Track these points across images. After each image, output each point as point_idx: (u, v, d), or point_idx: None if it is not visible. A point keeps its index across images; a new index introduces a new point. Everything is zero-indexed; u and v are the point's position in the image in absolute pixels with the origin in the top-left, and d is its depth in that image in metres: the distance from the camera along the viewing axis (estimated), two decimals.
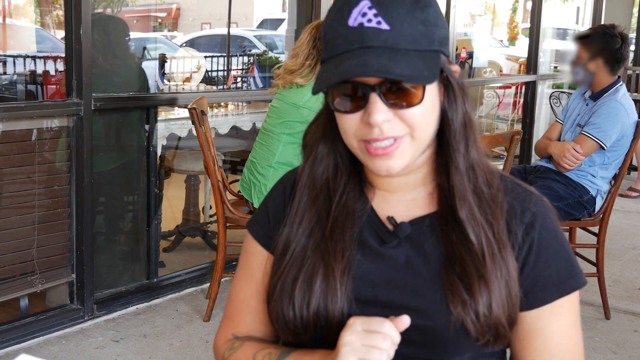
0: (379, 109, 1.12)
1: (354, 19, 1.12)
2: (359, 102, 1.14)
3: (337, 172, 1.26)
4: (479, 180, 1.22)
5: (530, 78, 7.09)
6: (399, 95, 1.13)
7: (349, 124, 1.16)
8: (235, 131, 5.27)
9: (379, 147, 1.15)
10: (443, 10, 4.55)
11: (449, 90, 1.20)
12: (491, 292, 1.16)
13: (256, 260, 1.35)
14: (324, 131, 1.27)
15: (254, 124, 5.02)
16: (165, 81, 5.71)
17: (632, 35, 9.04)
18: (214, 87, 7.77)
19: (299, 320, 1.21)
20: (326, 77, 1.14)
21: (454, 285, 1.17)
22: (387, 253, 1.24)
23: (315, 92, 1.15)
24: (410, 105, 1.13)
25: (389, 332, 1.10)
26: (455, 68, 1.22)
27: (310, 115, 3.49)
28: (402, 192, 1.27)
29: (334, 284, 1.20)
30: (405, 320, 1.11)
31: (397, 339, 1.11)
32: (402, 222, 1.24)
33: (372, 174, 1.26)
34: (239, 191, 3.82)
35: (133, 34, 4.40)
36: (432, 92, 1.16)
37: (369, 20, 1.11)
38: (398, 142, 1.15)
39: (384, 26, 1.11)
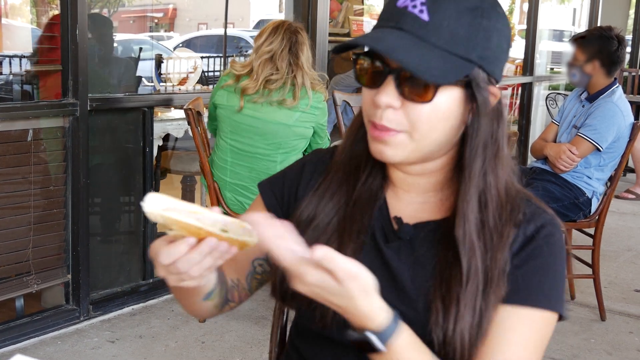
0: (388, 92, 1.14)
1: (403, 1, 1.15)
2: (378, 81, 1.16)
3: (369, 155, 1.25)
4: (488, 207, 1.20)
5: (526, 79, 7.10)
6: (413, 88, 1.13)
7: (365, 98, 1.19)
8: None
9: (376, 130, 1.17)
10: None
11: (476, 108, 1.17)
12: (460, 319, 1.14)
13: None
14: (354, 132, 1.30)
15: None
16: (161, 82, 5.70)
17: (628, 37, 9.05)
18: (211, 88, 7.76)
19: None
20: (356, 38, 1.18)
21: (436, 302, 1.17)
22: (388, 254, 1.24)
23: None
24: (418, 100, 1.13)
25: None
26: (495, 91, 1.19)
27: (305, 131, 3.43)
28: (415, 193, 1.27)
29: None
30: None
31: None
32: (406, 223, 1.25)
33: (391, 168, 1.27)
34: (225, 205, 3.57)
35: (125, 36, 4.39)
36: (452, 101, 1.15)
37: (414, 7, 1.13)
38: (393, 132, 1.16)
39: (424, 17, 1.12)
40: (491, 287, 1.17)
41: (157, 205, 1.05)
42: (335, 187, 1.28)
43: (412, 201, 1.28)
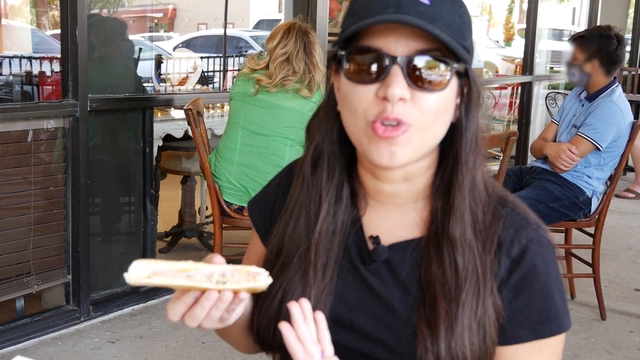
0: (399, 82, 1.05)
1: None
2: (378, 74, 1.06)
3: (329, 177, 1.20)
4: (478, 204, 1.15)
5: (526, 79, 7.10)
6: (421, 76, 1.06)
7: (360, 98, 1.08)
8: None
9: (388, 126, 1.06)
10: None
11: (468, 97, 1.13)
12: (456, 337, 1.09)
13: (253, 247, 1.36)
14: (320, 128, 1.21)
15: None
16: (161, 82, 5.70)
17: (628, 36, 9.04)
18: (210, 88, 7.77)
19: (271, 337, 1.19)
20: (358, 23, 1.07)
21: (421, 327, 1.11)
22: (368, 277, 1.18)
23: (342, 37, 1.10)
24: (430, 89, 1.07)
25: None
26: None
27: None
28: (392, 205, 1.20)
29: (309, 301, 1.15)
30: None
31: None
32: (382, 245, 1.18)
33: (366, 177, 1.19)
34: (225, 206, 3.56)
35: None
36: (452, 90, 1.10)
37: None
38: (405, 127, 1.06)
39: (425, 0, 1.06)
40: (486, 291, 1.11)
41: (142, 272, 1.02)
42: (295, 220, 1.21)
43: (388, 215, 1.20)
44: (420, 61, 1.06)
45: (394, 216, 1.20)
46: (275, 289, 1.18)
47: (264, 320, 1.18)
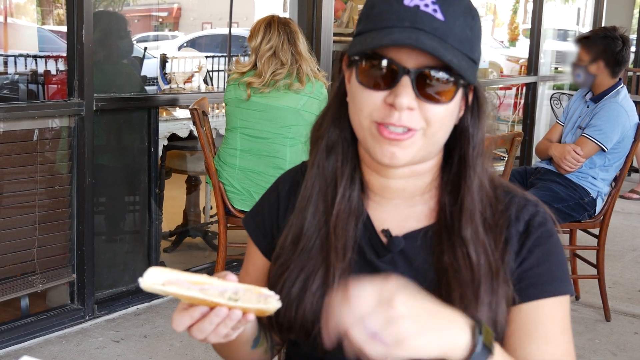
0: (408, 93, 1.10)
1: (410, 0, 1.11)
2: (388, 82, 1.11)
3: (344, 162, 1.24)
4: (485, 202, 1.21)
5: (530, 79, 7.09)
6: (429, 88, 1.11)
7: (368, 101, 1.13)
8: None
9: (393, 131, 1.12)
10: None
11: (475, 105, 1.19)
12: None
13: (252, 260, 1.37)
14: (333, 118, 1.24)
15: None
16: (166, 82, 5.71)
17: (633, 36, 9.03)
18: (215, 88, 7.76)
19: (293, 317, 1.21)
20: (372, 41, 1.11)
21: None
22: (382, 268, 1.21)
23: (352, 52, 1.14)
24: (437, 101, 1.11)
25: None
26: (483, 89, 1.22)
27: (311, 117, 3.45)
28: (399, 199, 1.24)
29: (333, 283, 1.18)
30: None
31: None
32: (396, 236, 1.22)
33: (370, 174, 1.24)
34: (230, 205, 3.55)
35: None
36: (455, 104, 1.15)
37: (426, 5, 1.10)
38: (411, 133, 1.12)
39: (439, 16, 1.10)
40: (498, 283, 1.16)
41: (156, 279, 1.02)
42: (313, 205, 1.25)
43: (396, 209, 1.25)
44: (429, 75, 1.11)
45: (402, 209, 1.25)
46: (295, 271, 1.22)
47: (284, 303, 1.19)
